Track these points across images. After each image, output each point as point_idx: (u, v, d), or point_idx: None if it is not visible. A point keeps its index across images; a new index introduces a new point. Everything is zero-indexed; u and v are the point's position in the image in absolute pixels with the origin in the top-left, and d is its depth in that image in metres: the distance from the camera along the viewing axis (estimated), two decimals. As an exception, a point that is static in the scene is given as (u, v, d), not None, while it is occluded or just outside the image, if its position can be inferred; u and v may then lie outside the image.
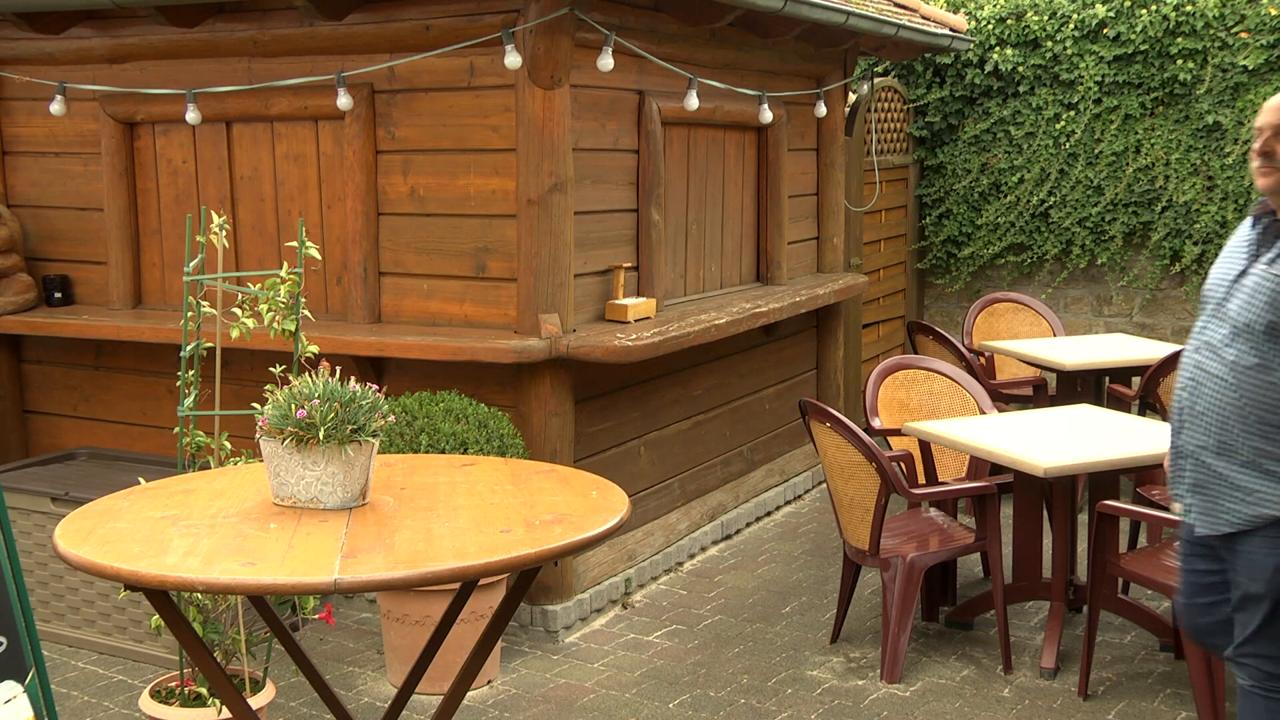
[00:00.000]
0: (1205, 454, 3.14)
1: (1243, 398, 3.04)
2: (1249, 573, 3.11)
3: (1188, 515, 3.24)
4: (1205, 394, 3.13)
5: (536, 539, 2.67)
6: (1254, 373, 3.03)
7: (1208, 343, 3.16)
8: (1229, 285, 3.15)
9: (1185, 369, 3.22)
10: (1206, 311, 3.21)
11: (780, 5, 5.29)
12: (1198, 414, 3.15)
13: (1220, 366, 3.09)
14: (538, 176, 4.79)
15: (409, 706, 4.19)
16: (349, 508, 2.90)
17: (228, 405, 4.08)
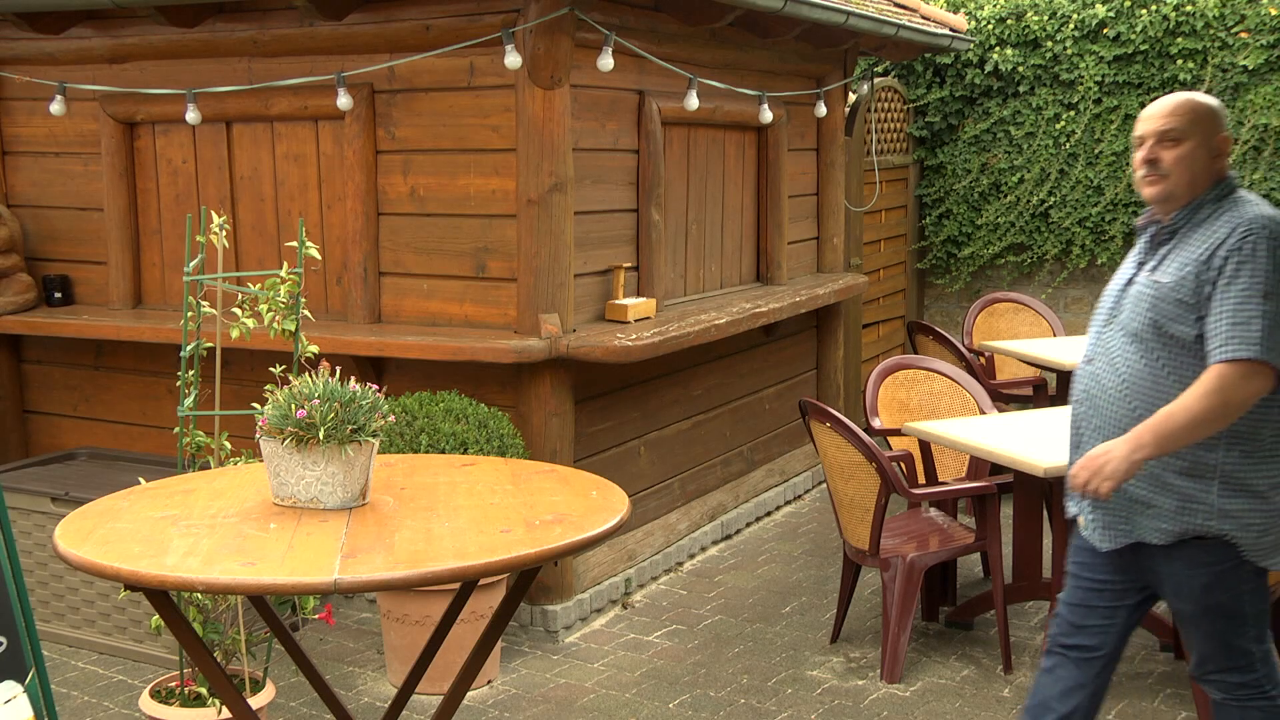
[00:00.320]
0: None
1: (1139, 408, 2.99)
2: (1175, 591, 3.07)
3: (1089, 530, 3.18)
4: (1103, 407, 3.07)
5: (536, 539, 2.67)
6: (1146, 382, 2.99)
7: (1101, 354, 3.11)
8: (1118, 295, 3.13)
9: (1080, 381, 3.17)
10: (1098, 323, 3.17)
11: (780, 5, 5.29)
12: (1096, 428, 3.09)
13: (1115, 378, 3.05)
14: (538, 176, 4.79)
15: (409, 706, 4.18)
16: (349, 508, 2.90)
17: (228, 405, 4.08)
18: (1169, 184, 3.03)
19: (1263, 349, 2.83)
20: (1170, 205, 3.05)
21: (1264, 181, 8.09)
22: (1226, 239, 2.92)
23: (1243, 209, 2.96)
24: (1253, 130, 8.09)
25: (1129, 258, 3.21)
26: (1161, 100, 3.11)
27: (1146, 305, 3.00)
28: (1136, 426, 2.95)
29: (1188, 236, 3.01)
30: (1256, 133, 8.09)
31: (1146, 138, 3.07)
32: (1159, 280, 2.99)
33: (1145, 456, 2.91)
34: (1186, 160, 3.01)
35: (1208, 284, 2.91)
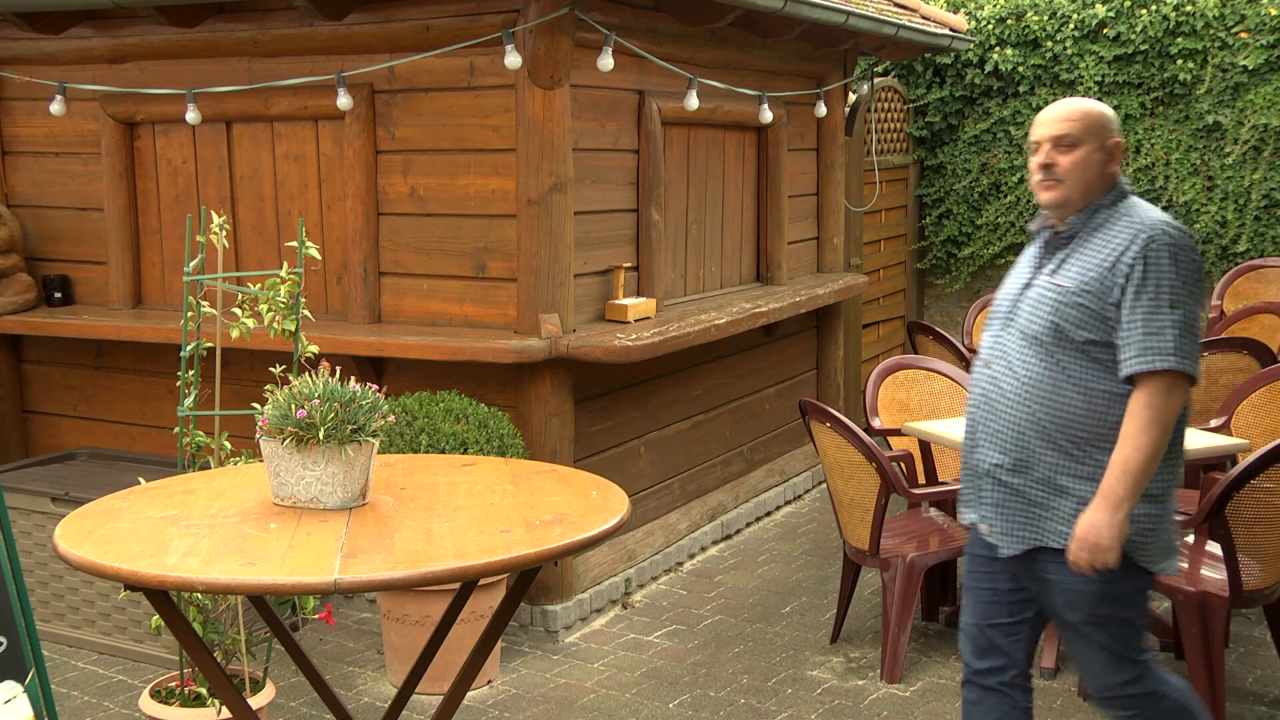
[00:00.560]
0: (1002, 472, 3.06)
1: (1037, 411, 2.97)
2: (1066, 602, 3.04)
3: (992, 534, 3.13)
4: (1000, 410, 3.04)
5: (536, 539, 2.67)
6: (1046, 385, 2.97)
7: (999, 357, 3.09)
8: (1015, 298, 3.11)
9: (977, 384, 3.14)
10: (995, 326, 3.15)
11: (780, 5, 5.29)
12: (993, 431, 3.07)
13: (1013, 381, 3.03)
14: (538, 176, 4.79)
15: (409, 706, 4.18)
16: (349, 508, 2.90)
17: (228, 405, 4.08)
18: (1065, 189, 3.02)
19: (1178, 359, 2.86)
20: (1066, 210, 3.05)
21: (1264, 181, 8.09)
22: (1128, 246, 2.92)
23: (1140, 215, 2.97)
24: (1253, 130, 8.09)
25: (1022, 261, 3.20)
26: (1055, 105, 3.10)
27: (1048, 309, 2.99)
28: (1102, 488, 2.90)
29: (1086, 241, 3.01)
30: (1256, 133, 8.09)
31: (1041, 143, 3.05)
32: (1060, 284, 2.99)
33: (1128, 510, 2.89)
34: (1081, 165, 3.01)
35: (1113, 291, 2.91)
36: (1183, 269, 2.89)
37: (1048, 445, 2.98)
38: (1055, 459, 2.98)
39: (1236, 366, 5.77)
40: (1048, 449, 2.98)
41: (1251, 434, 5.19)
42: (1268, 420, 5.23)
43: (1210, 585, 4.08)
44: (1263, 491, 3.98)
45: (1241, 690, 4.43)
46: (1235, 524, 3.97)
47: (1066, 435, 2.96)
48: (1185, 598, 4.05)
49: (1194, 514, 4.12)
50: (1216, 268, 8.35)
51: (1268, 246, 8.12)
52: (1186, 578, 4.18)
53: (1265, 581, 4.09)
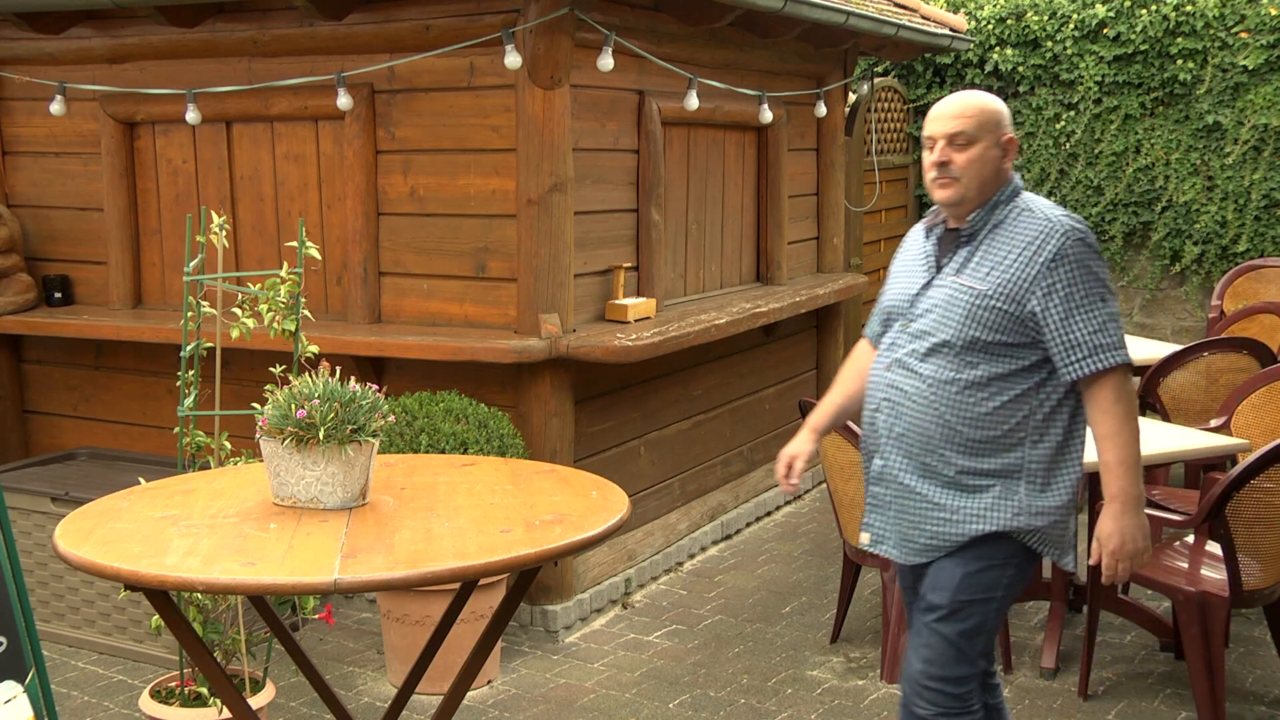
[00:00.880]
0: (907, 477, 3.00)
1: (945, 415, 2.93)
2: (936, 583, 2.99)
3: (879, 546, 3.09)
4: (905, 415, 2.98)
5: (536, 539, 2.67)
6: (954, 388, 2.92)
7: (900, 360, 3.01)
8: (913, 298, 3.04)
9: (878, 389, 3.06)
10: (894, 328, 3.07)
11: (780, 5, 5.29)
12: (898, 436, 3.00)
13: (918, 384, 2.96)
14: (538, 176, 4.79)
15: (409, 706, 4.18)
16: (349, 508, 2.90)
17: (228, 405, 4.08)
18: (961, 187, 2.95)
19: (1124, 351, 2.88)
20: (964, 208, 2.98)
21: (1264, 181, 8.09)
22: (1041, 245, 2.88)
23: (1044, 211, 2.94)
24: (1253, 130, 8.10)
25: (910, 259, 3.13)
26: (949, 100, 3.02)
27: (962, 312, 2.92)
28: (1114, 492, 2.88)
29: (990, 239, 2.95)
30: (1256, 133, 8.09)
31: (936, 139, 2.99)
32: (972, 286, 2.92)
33: (1143, 503, 2.90)
34: (978, 162, 2.95)
35: (1031, 293, 2.87)
36: (1100, 264, 2.90)
37: (955, 447, 2.93)
38: (963, 460, 2.94)
39: (1236, 366, 5.77)
40: (956, 451, 2.93)
41: (1251, 434, 5.19)
42: (1268, 420, 5.23)
43: (1210, 585, 4.08)
44: (1263, 491, 3.97)
45: (1241, 690, 4.43)
46: (1235, 524, 3.97)
47: (974, 435, 2.92)
48: (1185, 598, 4.05)
49: (1194, 514, 4.11)
50: (1216, 268, 8.35)
51: (1268, 246, 8.13)
52: (1186, 578, 4.18)
53: (1265, 581, 4.09)
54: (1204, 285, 8.46)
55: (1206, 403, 5.78)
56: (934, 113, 3.02)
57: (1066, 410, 2.96)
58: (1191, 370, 5.79)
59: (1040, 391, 2.93)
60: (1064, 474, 2.97)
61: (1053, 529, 2.97)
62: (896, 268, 3.18)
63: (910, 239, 3.19)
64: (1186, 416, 5.74)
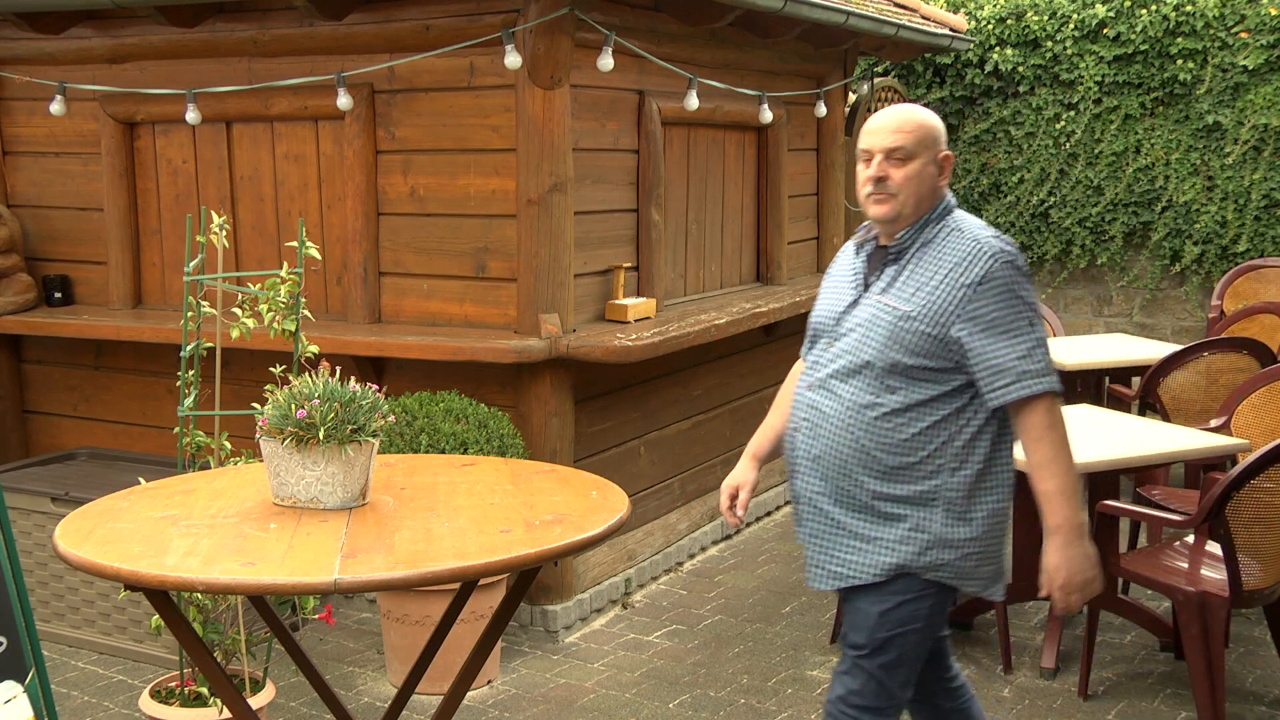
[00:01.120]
0: (823, 500, 2.91)
1: (861, 439, 2.83)
2: (853, 623, 2.92)
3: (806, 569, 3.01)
4: (822, 436, 2.88)
5: (536, 539, 2.67)
6: (872, 413, 2.82)
7: (822, 380, 2.92)
8: (839, 316, 2.94)
9: (798, 409, 2.96)
10: (818, 346, 2.98)
11: (780, 5, 5.29)
12: (814, 458, 2.91)
13: (837, 406, 2.87)
14: (538, 176, 4.79)
15: (409, 706, 4.18)
16: (349, 508, 2.90)
17: (228, 405, 4.08)
18: (898, 204, 2.86)
19: (1051, 378, 2.77)
20: (898, 225, 2.89)
21: (1264, 181, 8.09)
22: (968, 267, 2.78)
23: (972, 232, 2.84)
24: (1253, 130, 8.10)
25: (839, 275, 3.03)
26: (887, 114, 2.92)
27: (884, 334, 2.82)
28: (1056, 523, 2.76)
29: (918, 258, 2.86)
30: (1256, 133, 8.09)
31: (874, 152, 2.88)
32: (896, 306, 2.83)
33: (1085, 530, 2.77)
34: (915, 179, 2.85)
35: (955, 316, 2.77)
36: (1028, 287, 2.81)
37: (871, 473, 2.84)
38: (878, 486, 2.84)
39: (1236, 366, 5.77)
40: (871, 476, 2.84)
41: (1251, 434, 5.19)
42: (1268, 420, 5.23)
43: (1210, 585, 4.08)
44: (1263, 491, 3.97)
45: (1241, 690, 4.43)
46: (1235, 524, 3.97)
47: (891, 461, 2.82)
48: (1185, 598, 4.05)
49: (1194, 514, 4.11)
50: (1216, 268, 8.35)
51: (1268, 246, 8.13)
52: (1186, 578, 4.18)
53: (1265, 581, 4.09)
54: (1204, 285, 8.47)
55: (1206, 403, 5.78)
56: (871, 126, 2.91)
57: (988, 437, 2.85)
58: (1191, 370, 5.79)
59: (961, 417, 2.82)
60: (984, 503, 2.86)
61: (964, 561, 2.85)
62: (826, 284, 3.07)
63: (842, 254, 3.09)
64: (1186, 416, 5.74)
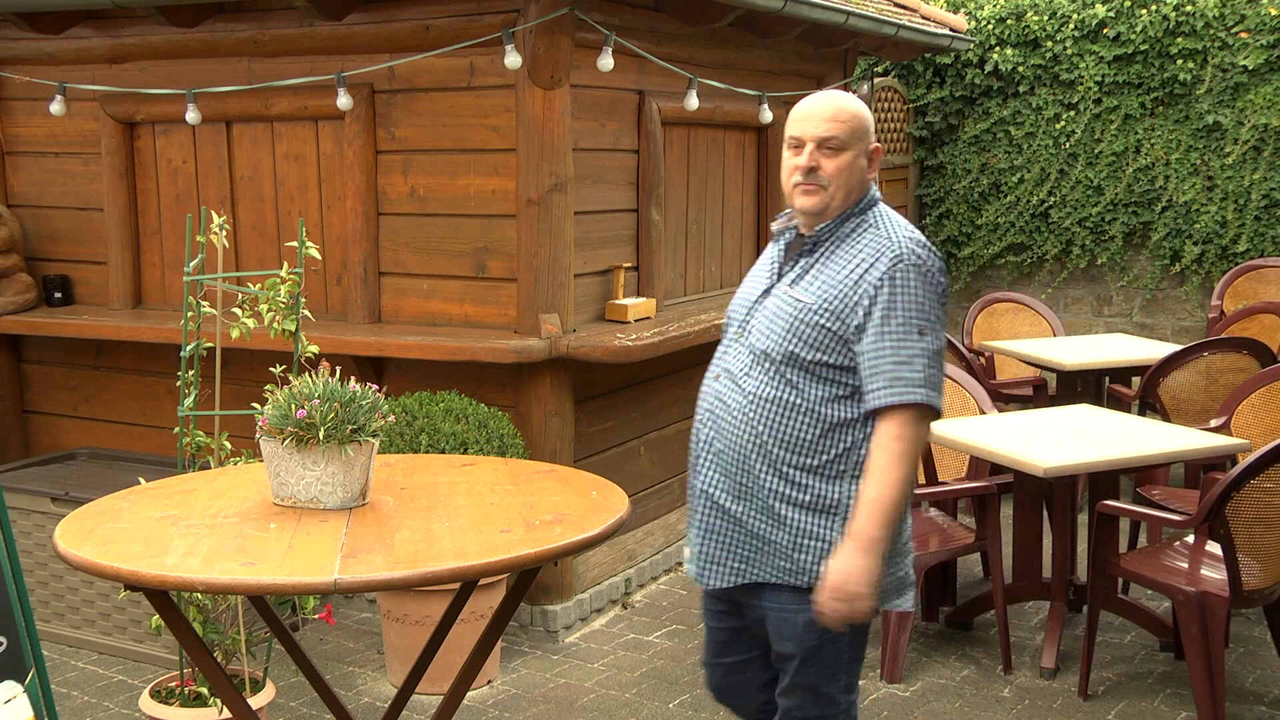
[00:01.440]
0: (722, 496, 2.81)
1: (762, 435, 2.73)
2: (779, 631, 2.83)
3: (695, 564, 2.90)
4: (726, 430, 2.78)
5: (536, 539, 2.67)
6: (774, 405, 2.72)
7: (728, 370, 2.82)
8: (751, 306, 2.85)
9: (703, 399, 2.86)
10: (728, 335, 2.88)
11: (780, 5, 5.29)
12: (716, 452, 2.80)
13: (740, 398, 2.76)
14: (538, 176, 4.79)
15: (409, 706, 4.18)
16: (349, 508, 2.90)
17: (228, 405, 4.08)
18: (826, 195, 2.75)
19: (926, 391, 2.66)
20: (822, 218, 2.78)
21: (1264, 181, 8.09)
22: (873, 264, 2.69)
23: (888, 230, 2.75)
24: (1253, 130, 8.10)
25: (761, 263, 2.95)
26: (818, 101, 2.79)
27: (784, 325, 2.74)
28: (855, 529, 2.66)
29: (831, 251, 2.77)
30: (1256, 133, 8.09)
31: (805, 140, 2.75)
32: (800, 299, 2.74)
33: (881, 550, 2.65)
34: (846, 171, 2.74)
35: (855, 312, 2.68)
36: (930, 293, 2.68)
37: (771, 471, 2.73)
38: (777, 486, 2.74)
39: (1236, 366, 5.77)
40: (770, 474, 2.74)
41: (1251, 434, 5.19)
42: (1268, 420, 5.23)
43: (1210, 585, 4.08)
44: (1263, 491, 3.98)
45: (1241, 690, 4.43)
46: (1235, 524, 3.97)
47: (791, 461, 2.72)
48: (1185, 598, 4.05)
49: (1194, 514, 4.12)
50: (1216, 268, 8.35)
51: (1268, 246, 8.13)
52: (1186, 578, 4.18)
53: (1265, 581, 4.09)
54: (1204, 285, 8.47)
55: (1206, 403, 5.78)
56: (802, 112, 2.78)
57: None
58: (1191, 370, 5.80)
59: (868, 424, 2.71)
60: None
61: None
62: (749, 273, 2.99)
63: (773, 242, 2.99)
64: (1186, 416, 5.74)
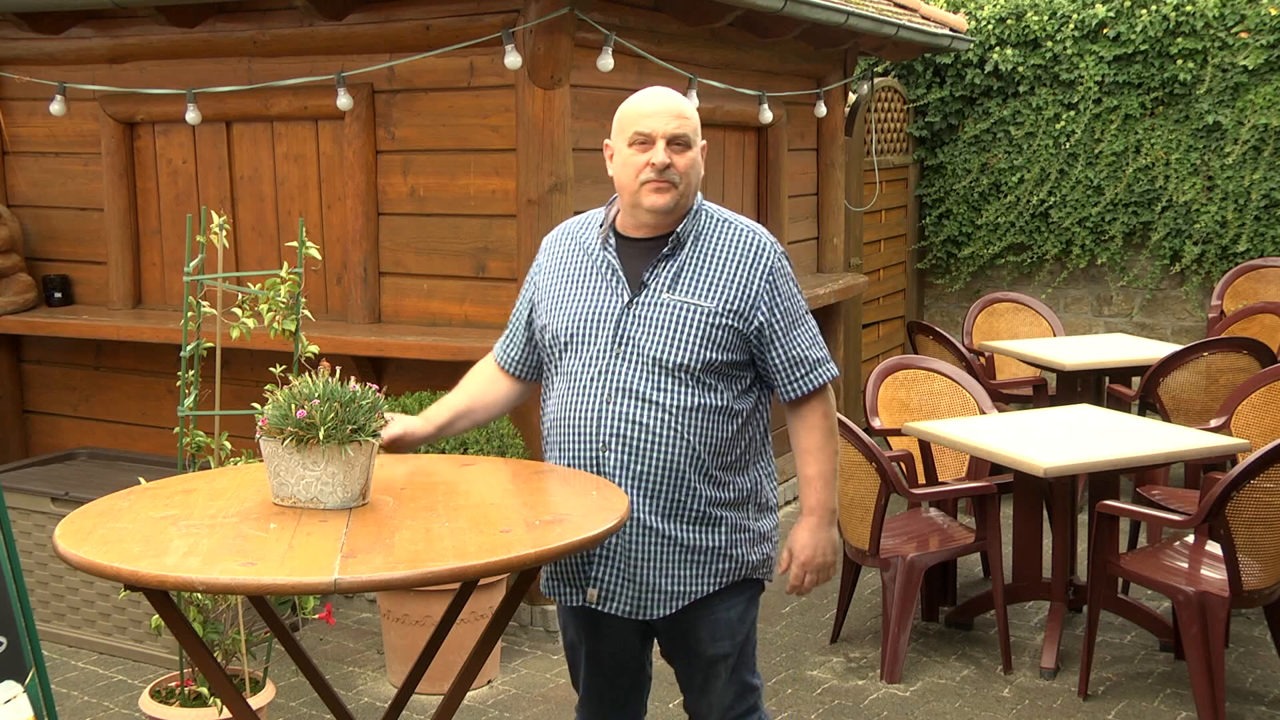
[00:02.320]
0: (650, 518, 2.74)
1: (693, 444, 2.70)
2: (712, 634, 2.82)
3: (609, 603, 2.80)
4: (647, 450, 2.70)
5: (536, 539, 2.67)
6: (700, 414, 2.70)
7: (625, 389, 2.71)
8: (618, 317, 2.73)
9: (601, 426, 2.73)
10: (587, 351, 2.74)
11: (780, 5, 5.29)
12: (636, 475, 2.72)
13: (659, 414, 2.69)
14: (538, 176, 4.79)
15: (409, 706, 4.18)
16: (349, 508, 2.90)
17: (228, 405, 4.08)
18: (678, 193, 2.69)
19: (831, 365, 2.83)
20: (674, 216, 2.73)
21: (1264, 181, 8.09)
22: (753, 259, 2.73)
23: (739, 222, 2.79)
24: (1253, 130, 8.09)
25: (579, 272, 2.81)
26: (659, 96, 2.73)
27: (696, 332, 2.68)
28: (814, 505, 2.81)
29: (694, 251, 2.73)
30: (1256, 133, 8.09)
31: (656, 136, 2.67)
32: (699, 304, 2.69)
33: (835, 521, 2.86)
34: (694, 168, 2.72)
35: (754, 309, 2.71)
36: (793, 272, 2.82)
37: (702, 478, 2.74)
38: (708, 491, 2.75)
39: (1236, 366, 5.77)
40: (703, 482, 2.74)
41: (1251, 434, 5.19)
42: (1268, 420, 5.23)
43: (1210, 585, 4.08)
44: (1263, 491, 3.98)
45: (1241, 690, 4.43)
46: (1235, 524, 3.97)
47: (716, 464, 2.74)
48: (1185, 598, 4.05)
49: (1194, 514, 4.12)
50: (1216, 268, 8.35)
51: (1268, 246, 8.13)
52: (1186, 578, 4.18)
53: (1265, 581, 4.09)
54: (1204, 285, 8.47)
55: (1206, 403, 5.78)
56: (648, 107, 2.71)
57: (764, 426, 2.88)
58: (1191, 370, 5.80)
59: (758, 410, 2.82)
60: (773, 490, 2.91)
61: (773, 551, 2.90)
62: (553, 282, 2.84)
63: (558, 248, 2.88)
64: (1186, 416, 5.74)
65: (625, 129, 2.72)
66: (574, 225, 2.91)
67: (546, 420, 2.90)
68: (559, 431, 2.83)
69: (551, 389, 2.89)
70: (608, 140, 2.82)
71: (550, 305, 2.84)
